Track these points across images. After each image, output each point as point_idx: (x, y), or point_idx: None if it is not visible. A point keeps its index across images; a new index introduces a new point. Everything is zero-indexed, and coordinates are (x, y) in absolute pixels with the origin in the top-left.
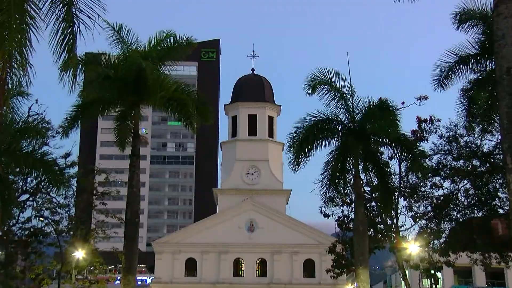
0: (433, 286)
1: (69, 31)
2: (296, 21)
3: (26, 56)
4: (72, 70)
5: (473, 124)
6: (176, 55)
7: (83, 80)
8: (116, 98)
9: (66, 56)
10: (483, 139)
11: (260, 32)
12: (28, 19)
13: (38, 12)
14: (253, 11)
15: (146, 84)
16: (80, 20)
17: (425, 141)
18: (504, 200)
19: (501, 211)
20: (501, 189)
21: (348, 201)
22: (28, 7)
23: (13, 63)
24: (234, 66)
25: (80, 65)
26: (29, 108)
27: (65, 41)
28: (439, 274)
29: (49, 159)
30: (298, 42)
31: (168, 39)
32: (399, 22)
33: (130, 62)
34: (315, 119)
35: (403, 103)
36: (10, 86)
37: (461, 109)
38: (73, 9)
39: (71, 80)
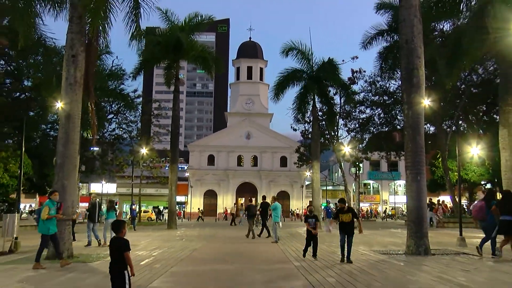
0: (357, 171)
1: (134, 14)
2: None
3: (108, 30)
4: (138, 39)
5: (384, 74)
6: (201, 28)
7: (144, 44)
8: (164, 56)
9: (134, 30)
10: (390, 83)
11: (257, 11)
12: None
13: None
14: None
15: (182, 47)
16: (143, 6)
17: (356, 84)
18: (401, 120)
19: (398, 127)
20: (399, 114)
21: (308, 120)
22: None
23: (100, 34)
24: (238, 36)
25: (143, 36)
26: (112, 62)
27: (133, 20)
28: (361, 165)
29: (125, 93)
30: (285, 16)
31: (196, 18)
32: (346, 6)
33: (172, 33)
34: (288, 71)
35: (343, 60)
36: (100, 48)
37: (377, 64)
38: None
39: (137, 44)
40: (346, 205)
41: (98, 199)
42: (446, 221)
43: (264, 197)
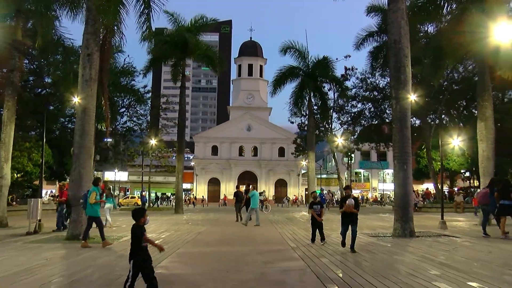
0: (349, 161)
1: (146, 14)
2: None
3: (120, 29)
4: (148, 39)
5: (374, 71)
6: (206, 29)
7: (154, 44)
8: (172, 54)
9: (145, 31)
10: (379, 80)
11: (258, 12)
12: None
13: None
14: (254, 1)
15: (189, 46)
16: (153, 8)
17: (348, 81)
18: (389, 114)
19: (387, 120)
20: (388, 108)
21: (304, 114)
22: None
23: (116, 34)
24: (240, 36)
25: (152, 36)
26: (124, 60)
27: (144, 21)
28: (352, 155)
29: (135, 88)
30: (284, 17)
31: (202, 19)
32: (341, 9)
33: (179, 33)
34: (286, 68)
35: (336, 58)
36: (113, 47)
37: (368, 62)
38: (151, 2)
39: (147, 44)
40: (352, 192)
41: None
42: (429, 206)
43: (248, 185)
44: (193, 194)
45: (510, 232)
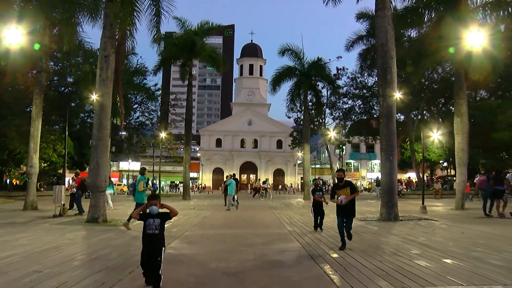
0: (341, 152)
1: (156, 20)
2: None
3: (134, 33)
4: (158, 42)
5: (364, 71)
6: (211, 32)
7: (164, 46)
8: (180, 56)
9: (155, 34)
10: (368, 79)
11: (258, 15)
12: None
13: (141, 9)
14: (255, 6)
15: (195, 48)
16: (162, 14)
17: (340, 79)
18: (377, 110)
19: (375, 116)
20: (376, 105)
21: (300, 109)
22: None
23: (128, 38)
24: (242, 38)
25: (162, 39)
26: (137, 61)
27: (154, 26)
28: (343, 147)
29: (147, 87)
30: (284, 21)
31: (207, 24)
32: (334, 14)
33: (187, 37)
34: (284, 68)
35: (329, 59)
36: (127, 50)
37: (358, 63)
38: (160, 9)
39: (157, 46)
40: (345, 177)
41: None
42: (411, 193)
43: (234, 175)
44: (194, 184)
45: (496, 214)
